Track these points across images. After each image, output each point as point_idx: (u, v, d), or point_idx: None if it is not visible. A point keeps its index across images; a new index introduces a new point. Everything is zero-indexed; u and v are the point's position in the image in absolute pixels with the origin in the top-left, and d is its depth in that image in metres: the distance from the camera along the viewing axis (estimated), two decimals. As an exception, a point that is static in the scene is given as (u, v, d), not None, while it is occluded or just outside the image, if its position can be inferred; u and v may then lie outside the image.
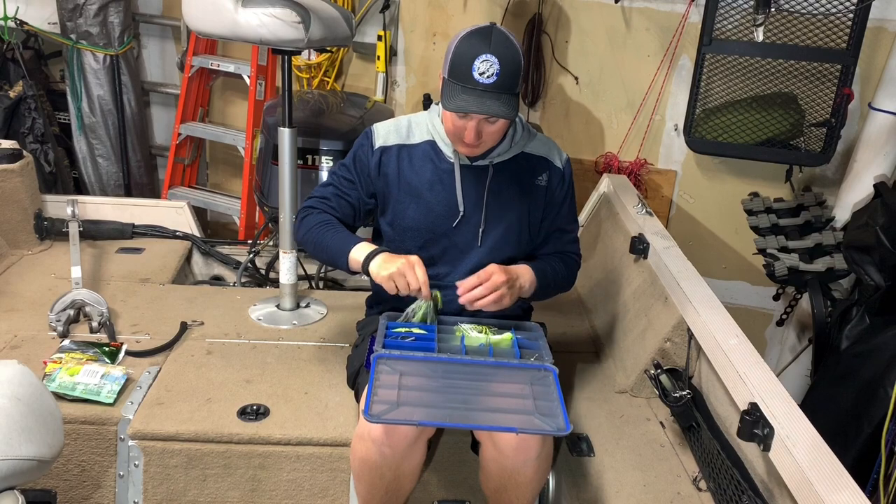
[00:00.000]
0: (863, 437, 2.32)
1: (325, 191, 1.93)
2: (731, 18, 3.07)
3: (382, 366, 1.64)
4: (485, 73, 1.64)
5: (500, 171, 1.88)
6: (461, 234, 1.88)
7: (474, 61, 1.64)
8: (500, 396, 1.61)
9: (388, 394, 1.55)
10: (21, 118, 3.78)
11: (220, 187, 4.37)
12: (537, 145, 1.93)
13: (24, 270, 2.72)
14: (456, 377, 1.64)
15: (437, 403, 1.56)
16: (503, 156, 1.87)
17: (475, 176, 1.86)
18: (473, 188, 1.86)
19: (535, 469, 1.64)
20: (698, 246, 3.72)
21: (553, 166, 1.93)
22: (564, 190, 1.95)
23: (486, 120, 1.71)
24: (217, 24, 2.24)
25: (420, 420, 1.52)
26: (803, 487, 1.41)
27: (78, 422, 1.91)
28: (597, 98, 3.78)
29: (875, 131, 3.01)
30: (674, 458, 1.96)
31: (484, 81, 1.64)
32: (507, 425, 1.53)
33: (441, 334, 1.77)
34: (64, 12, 3.80)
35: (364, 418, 1.50)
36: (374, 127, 1.92)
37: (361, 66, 4.04)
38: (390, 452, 1.62)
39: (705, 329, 1.91)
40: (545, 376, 1.67)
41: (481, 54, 1.64)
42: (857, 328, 2.67)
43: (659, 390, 1.99)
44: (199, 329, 2.39)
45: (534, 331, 1.88)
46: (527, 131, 1.92)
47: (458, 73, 1.67)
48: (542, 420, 1.52)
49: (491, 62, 1.64)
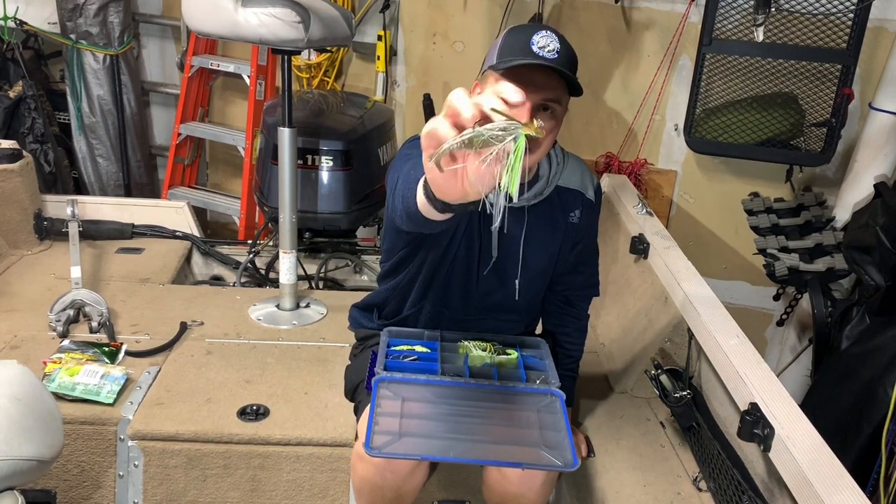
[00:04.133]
0: (863, 437, 2.32)
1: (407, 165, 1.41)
2: (731, 18, 3.07)
3: (384, 390, 1.59)
4: (545, 48, 1.44)
5: (536, 211, 1.71)
6: (490, 278, 1.75)
7: (532, 37, 1.44)
8: (505, 426, 1.56)
9: (390, 423, 1.50)
10: (21, 118, 3.77)
11: (220, 187, 4.37)
12: (570, 175, 1.75)
13: (23, 270, 2.72)
14: (460, 403, 1.59)
15: (440, 434, 1.50)
16: (538, 197, 1.69)
17: (511, 218, 1.61)
18: (509, 231, 1.69)
19: (538, 493, 1.62)
20: (698, 246, 3.72)
21: (586, 200, 1.77)
22: (592, 222, 1.82)
23: (542, 105, 1.48)
24: (217, 23, 2.24)
25: (422, 454, 1.47)
26: (803, 487, 1.40)
27: (78, 422, 1.91)
28: (597, 98, 3.77)
29: (875, 131, 3.01)
30: (674, 458, 1.96)
31: (546, 55, 1.43)
32: (512, 460, 1.48)
33: (444, 353, 1.72)
34: (64, 12, 3.80)
35: (364, 452, 1.43)
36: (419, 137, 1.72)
37: (361, 66, 4.04)
38: (392, 476, 1.59)
39: (705, 329, 1.91)
40: (552, 402, 1.61)
41: (539, 31, 1.46)
42: (858, 328, 2.67)
43: (659, 390, 1.98)
44: (199, 329, 2.39)
45: (539, 347, 1.81)
46: (561, 161, 1.74)
47: (512, 49, 1.46)
48: (549, 453, 1.47)
49: (550, 38, 1.45)
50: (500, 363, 1.72)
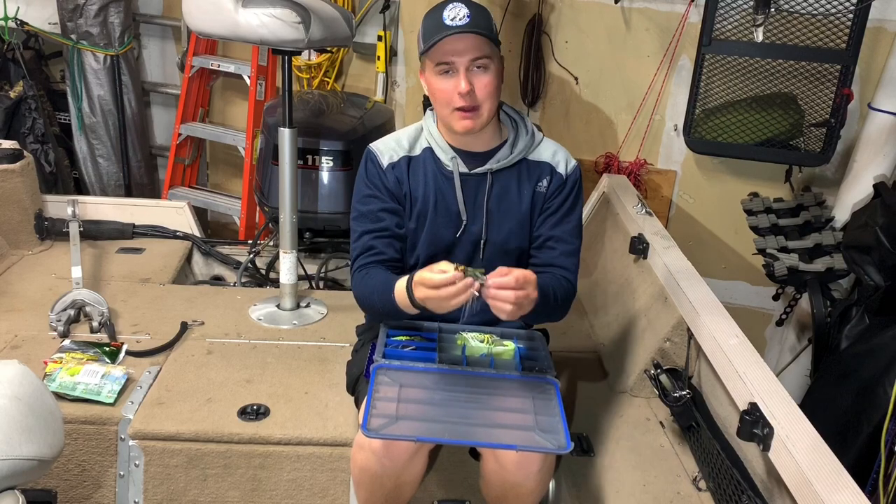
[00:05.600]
0: (862, 437, 2.32)
1: (361, 242, 1.79)
2: (730, 19, 3.07)
3: (382, 377, 1.62)
4: (455, 17, 1.63)
5: (501, 179, 1.81)
6: (464, 243, 1.83)
7: (443, 13, 1.64)
8: (500, 411, 1.59)
9: (388, 407, 1.53)
10: (21, 118, 3.78)
11: (221, 187, 4.37)
12: (542, 151, 1.85)
13: (24, 270, 2.72)
14: (456, 389, 1.61)
15: (436, 418, 1.54)
16: (502, 162, 1.80)
17: (475, 184, 1.80)
18: (474, 196, 1.80)
19: (536, 482, 1.63)
20: (698, 246, 3.72)
21: (556, 172, 1.83)
22: (564, 196, 1.83)
23: (473, 65, 1.66)
24: (217, 24, 2.24)
25: (418, 436, 1.50)
26: (803, 487, 1.41)
27: (78, 422, 1.91)
28: (597, 98, 3.78)
29: (875, 131, 3.01)
30: (673, 458, 1.97)
31: (457, 24, 1.63)
32: (507, 442, 1.51)
33: (442, 343, 1.75)
34: (64, 12, 3.80)
35: (362, 433, 1.47)
36: (373, 149, 1.83)
37: (361, 67, 4.05)
38: (390, 464, 1.60)
39: (705, 329, 1.91)
40: (547, 389, 1.64)
41: (448, 5, 1.65)
42: (857, 328, 2.67)
43: (659, 390, 1.99)
44: (200, 329, 2.39)
45: (535, 340, 1.84)
46: (531, 136, 1.84)
47: (430, 31, 1.66)
48: (542, 437, 1.50)
49: (459, 7, 1.64)
50: (497, 354, 1.74)
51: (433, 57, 1.67)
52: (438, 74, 1.68)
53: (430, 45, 1.65)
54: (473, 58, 1.65)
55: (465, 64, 1.65)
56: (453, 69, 1.66)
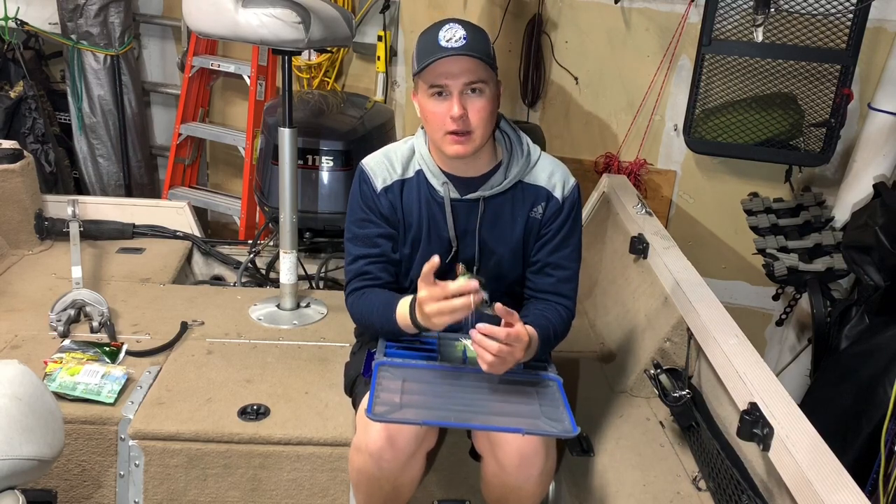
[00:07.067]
0: (862, 436, 2.32)
1: (356, 267, 1.76)
2: (730, 19, 3.07)
3: (384, 372, 1.61)
4: (451, 39, 1.57)
5: (493, 205, 1.74)
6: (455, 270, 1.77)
7: (438, 33, 1.58)
8: (504, 402, 1.58)
9: (391, 397, 1.53)
10: (22, 118, 3.78)
11: (221, 187, 4.37)
12: (538, 173, 1.77)
13: (24, 270, 2.72)
14: (459, 383, 1.61)
15: (440, 406, 1.54)
16: (495, 189, 1.73)
17: (467, 210, 1.74)
18: (465, 223, 1.74)
19: (537, 484, 1.63)
20: (698, 246, 3.72)
21: (552, 197, 1.75)
22: (562, 222, 1.76)
23: (468, 88, 1.59)
24: (217, 24, 2.24)
25: (424, 419, 1.49)
26: (803, 487, 1.41)
27: (78, 421, 1.91)
28: (597, 98, 3.78)
29: (874, 131, 3.01)
30: (673, 457, 1.97)
31: (453, 45, 1.57)
32: (512, 426, 1.51)
33: (442, 348, 1.74)
34: (64, 12, 3.80)
35: (366, 416, 1.47)
36: (367, 169, 1.76)
37: (361, 67, 4.05)
38: (388, 466, 1.59)
39: (705, 329, 1.91)
40: (549, 385, 1.64)
41: (444, 25, 1.59)
42: (857, 328, 2.67)
43: (659, 390, 1.99)
44: (200, 329, 2.39)
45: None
46: (526, 158, 1.76)
47: (424, 51, 1.60)
48: (548, 423, 1.50)
49: (455, 28, 1.58)
50: None
51: (426, 78, 1.61)
52: (431, 97, 1.62)
53: (423, 66, 1.60)
54: (468, 81, 1.59)
55: (459, 87, 1.59)
56: (447, 92, 1.60)
